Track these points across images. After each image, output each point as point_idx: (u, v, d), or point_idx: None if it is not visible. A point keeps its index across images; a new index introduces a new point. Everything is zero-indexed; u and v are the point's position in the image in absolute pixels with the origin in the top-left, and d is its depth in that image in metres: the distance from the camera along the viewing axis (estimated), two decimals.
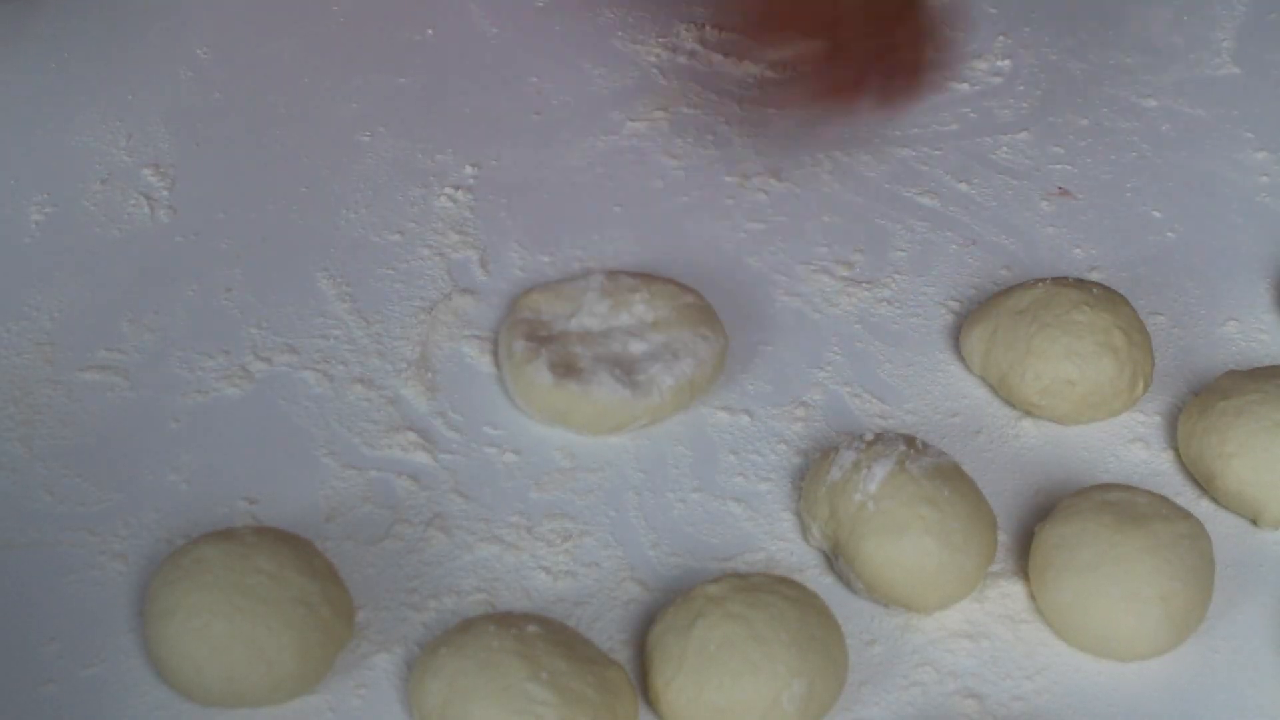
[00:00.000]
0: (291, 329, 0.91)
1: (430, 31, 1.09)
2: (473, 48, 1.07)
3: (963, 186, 1.02)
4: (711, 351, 0.89)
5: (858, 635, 0.80)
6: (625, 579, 0.82)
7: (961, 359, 0.92)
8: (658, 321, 0.90)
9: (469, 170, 1.01)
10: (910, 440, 0.83)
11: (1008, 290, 0.92)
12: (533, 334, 0.89)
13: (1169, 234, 1.00)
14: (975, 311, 0.92)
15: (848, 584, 0.82)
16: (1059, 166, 1.03)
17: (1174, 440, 0.89)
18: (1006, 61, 1.09)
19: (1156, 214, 1.01)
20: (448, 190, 1.00)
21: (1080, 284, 0.90)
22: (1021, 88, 1.08)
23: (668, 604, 0.79)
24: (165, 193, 0.98)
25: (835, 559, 0.83)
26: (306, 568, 0.77)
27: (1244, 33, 1.12)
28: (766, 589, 0.78)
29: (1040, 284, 0.91)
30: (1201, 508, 0.86)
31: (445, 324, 0.92)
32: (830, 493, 0.82)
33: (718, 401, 0.90)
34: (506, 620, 0.76)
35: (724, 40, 1.09)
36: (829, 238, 0.98)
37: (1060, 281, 0.91)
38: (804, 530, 0.84)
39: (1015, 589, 0.83)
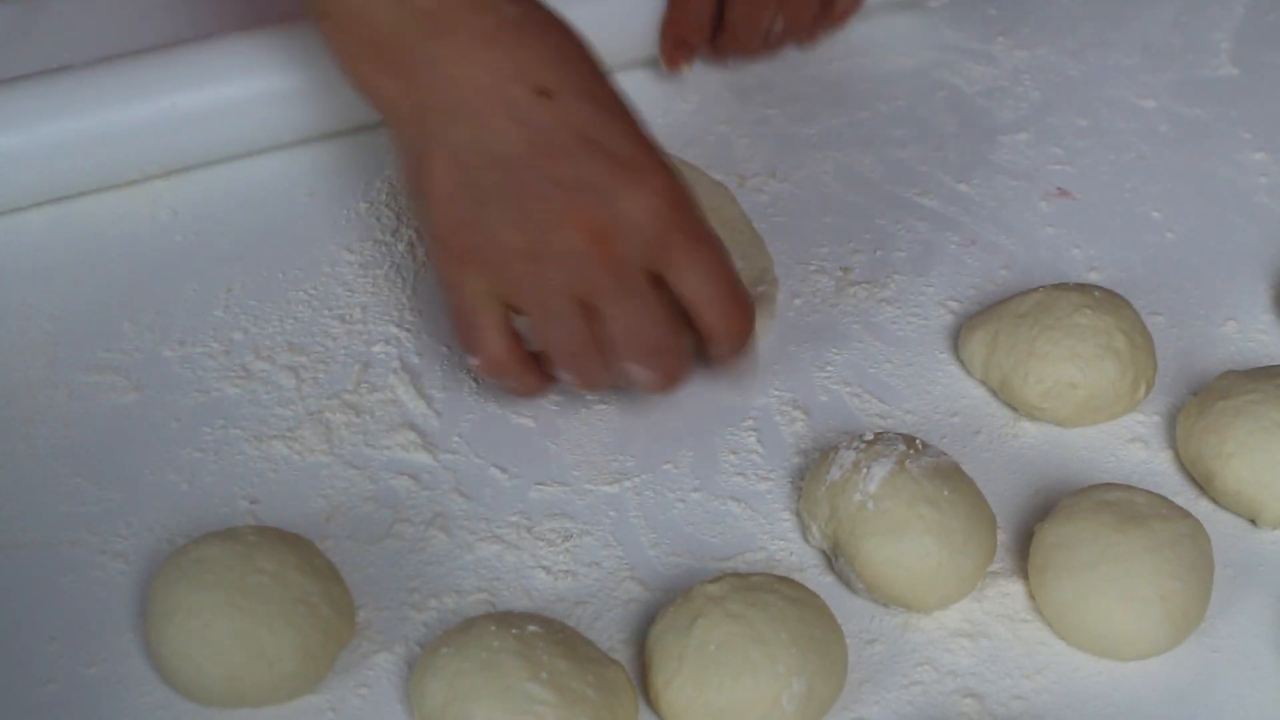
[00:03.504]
0: (292, 328, 0.91)
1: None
2: None
3: (962, 187, 1.02)
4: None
5: (858, 635, 0.80)
6: (625, 579, 0.82)
7: (960, 362, 0.92)
8: None
9: None
10: (910, 440, 0.83)
11: (1006, 298, 0.92)
12: None
13: (1168, 234, 1.00)
14: (974, 317, 0.92)
15: (848, 584, 0.82)
16: (1058, 167, 1.03)
17: (1173, 440, 0.89)
18: (1007, 62, 1.10)
19: (1155, 214, 1.01)
20: None
21: (1082, 287, 0.90)
22: (1021, 88, 1.08)
23: (668, 604, 0.79)
24: (166, 192, 0.98)
25: (835, 559, 0.83)
26: (307, 567, 0.77)
27: (1242, 33, 1.12)
28: (766, 589, 0.78)
29: (1041, 288, 0.91)
30: (1201, 507, 0.86)
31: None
32: (830, 492, 0.82)
33: (718, 401, 0.90)
34: (507, 620, 0.76)
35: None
36: (829, 238, 0.98)
37: (1061, 285, 0.91)
38: (804, 530, 0.84)
39: (1015, 588, 0.83)
